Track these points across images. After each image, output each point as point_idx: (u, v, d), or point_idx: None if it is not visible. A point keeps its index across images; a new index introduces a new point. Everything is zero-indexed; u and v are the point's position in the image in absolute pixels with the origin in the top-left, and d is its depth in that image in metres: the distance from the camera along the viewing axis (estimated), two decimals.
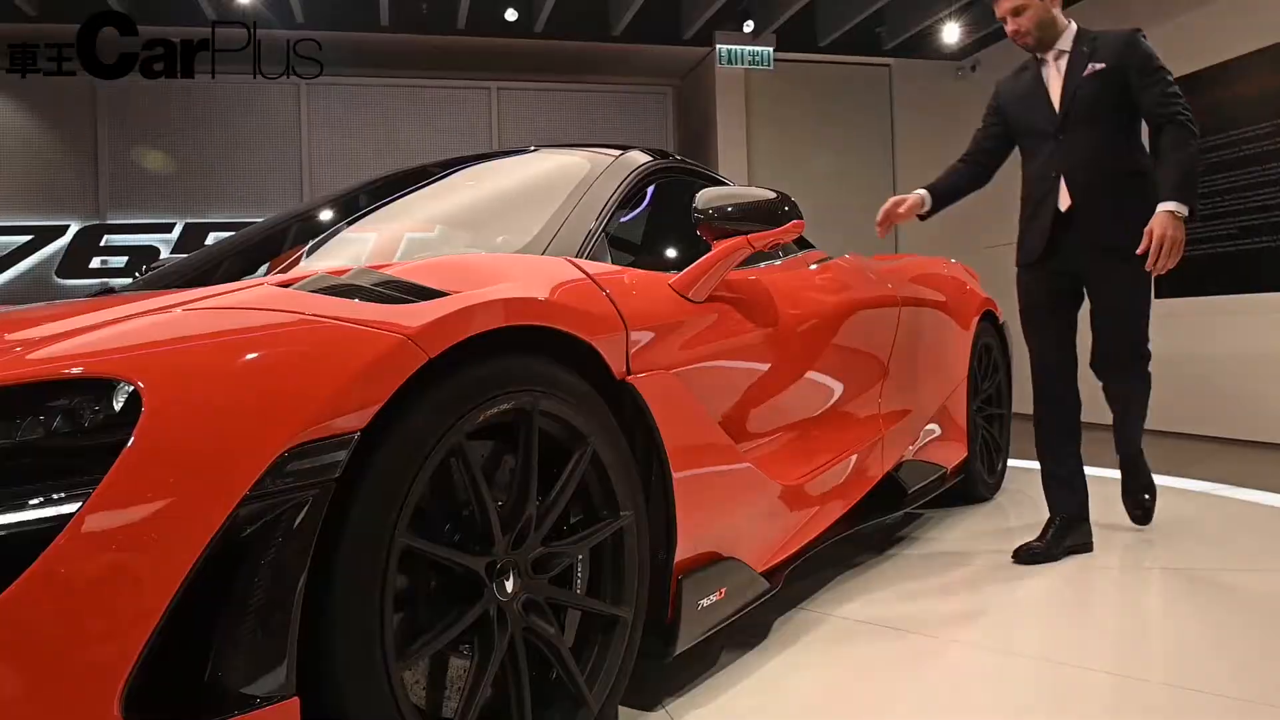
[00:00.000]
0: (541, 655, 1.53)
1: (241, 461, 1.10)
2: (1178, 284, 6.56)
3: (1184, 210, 2.66)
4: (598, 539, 1.63)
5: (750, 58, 8.16)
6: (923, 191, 3.27)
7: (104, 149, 7.42)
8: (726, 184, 2.55)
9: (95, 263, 7.25)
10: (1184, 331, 6.35)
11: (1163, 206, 2.67)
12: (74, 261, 7.27)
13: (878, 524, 2.95)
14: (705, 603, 1.86)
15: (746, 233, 2.12)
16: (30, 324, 1.36)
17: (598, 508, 1.66)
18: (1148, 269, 2.68)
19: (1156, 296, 3.07)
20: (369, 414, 1.21)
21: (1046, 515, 3.02)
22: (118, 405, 1.08)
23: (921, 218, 3.29)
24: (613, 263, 2.13)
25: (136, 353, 1.14)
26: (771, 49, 8.19)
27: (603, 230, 2.13)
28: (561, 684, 1.56)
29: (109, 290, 2.69)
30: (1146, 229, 2.67)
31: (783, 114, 8.65)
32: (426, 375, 1.30)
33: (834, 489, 2.58)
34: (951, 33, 8.55)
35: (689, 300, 2.06)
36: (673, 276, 2.08)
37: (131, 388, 1.08)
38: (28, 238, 7.23)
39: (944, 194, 3.31)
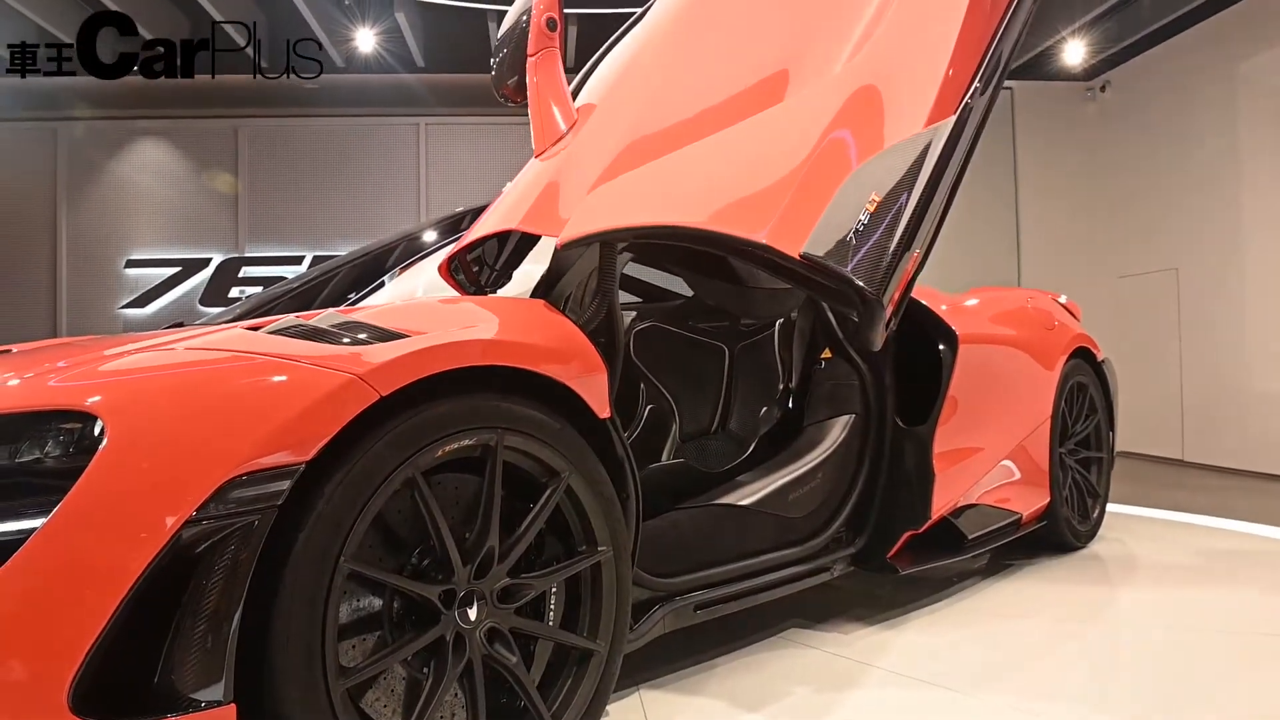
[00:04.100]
0: (509, 683, 1.58)
1: (187, 488, 1.21)
2: None
3: None
4: (568, 573, 1.66)
5: None
6: None
7: (244, 186, 8.12)
8: None
9: (234, 292, 7.90)
10: None
11: None
12: (215, 291, 7.95)
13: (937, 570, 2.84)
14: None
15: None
16: (33, 361, 1.53)
17: (576, 541, 1.70)
18: None
19: None
20: (315, 447, 1.30)
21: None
22: (83, 436, 1.21)
23: None
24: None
25: (103, 389, 1.28)
26: None
27: None
28: (529, 712, 1.60)
29: (179, 324, 2.95)
30: None
31: None
32: (381, 411, 1.39)
33: None
34: (1075, 52, 8.18)
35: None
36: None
37: (98, 422, 1.21)
38: (176, 269, 7.99)
39: None
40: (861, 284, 1.82)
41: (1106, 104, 8.78)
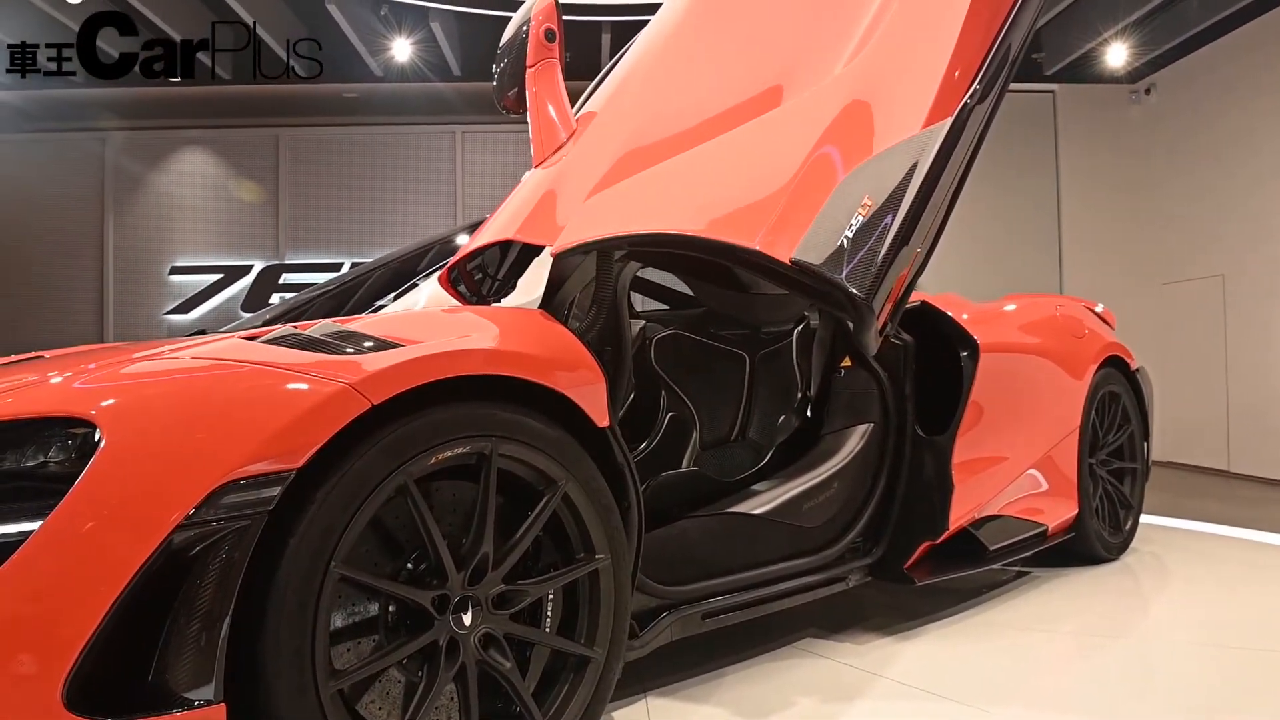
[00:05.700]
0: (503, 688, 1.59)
1: (180, 493, 1.24)
2: None
3: None
4: (564, 580, 1.67)
5: None
6: None
7: (284, 194, 8.30)
8: None
9: (274, 299, 8.07)
10: None
11: None
12: (256, 297, 8.14)
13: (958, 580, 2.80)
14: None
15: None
16: (52, 367, 1.58)
17: (574, 549, 1.71)
18: None
19: None
20: (306, 455, 1.33)
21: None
22: (80, 441, 1.25)
23: None
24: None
25: (100, 396, 1.31)
26: None
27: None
28: (524, 718, 1.61)
29: (202, 332, 3.03)
30: None
31: None
32: (374, 419, 1.41)
33: None
34: (1118, 54, 8.02)
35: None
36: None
37: (95, 429, 1.25)
38: (219, 276, 8.19)
39: None
40: (852, 288, 1.80)
41: (1151, 107, 8.59)
